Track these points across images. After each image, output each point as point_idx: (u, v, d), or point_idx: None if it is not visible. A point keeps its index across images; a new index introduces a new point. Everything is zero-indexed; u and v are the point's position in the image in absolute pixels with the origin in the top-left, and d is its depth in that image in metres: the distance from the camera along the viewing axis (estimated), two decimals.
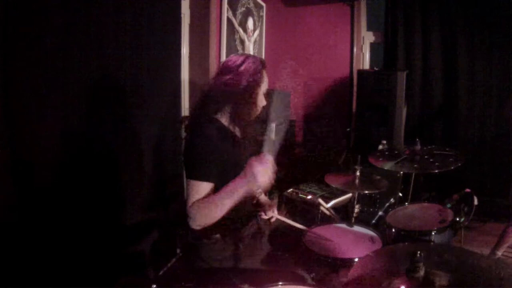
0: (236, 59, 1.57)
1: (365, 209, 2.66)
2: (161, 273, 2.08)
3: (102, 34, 1.79)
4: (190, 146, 1.52)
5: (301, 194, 2.75)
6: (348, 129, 3.79)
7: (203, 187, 1.40)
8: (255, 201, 1.75)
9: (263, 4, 3.80)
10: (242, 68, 1.54)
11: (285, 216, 1.85)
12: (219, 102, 1.53)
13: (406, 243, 1.35)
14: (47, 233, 1.52)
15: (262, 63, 1.58)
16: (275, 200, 2.87)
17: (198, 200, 1.38)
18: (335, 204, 2.66)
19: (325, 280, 1.51)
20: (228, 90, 1.51)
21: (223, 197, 1.35)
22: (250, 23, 3.53)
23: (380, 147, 2.94)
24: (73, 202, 1.64)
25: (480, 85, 3.64)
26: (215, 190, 1.42)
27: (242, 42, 3.40)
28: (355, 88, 3.78)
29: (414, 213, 2.04)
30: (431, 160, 2.17)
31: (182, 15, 2.65)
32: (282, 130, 3.25)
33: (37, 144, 1.51)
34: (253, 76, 1.52)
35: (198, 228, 1.37)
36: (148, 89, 2.17)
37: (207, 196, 1.40)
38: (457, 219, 1.88)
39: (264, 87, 1.58)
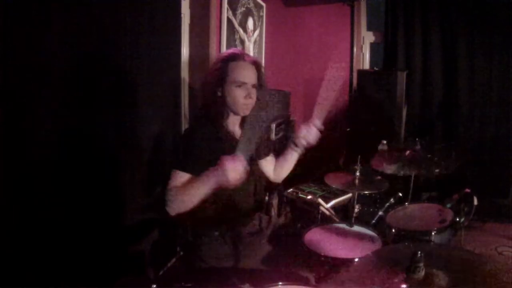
0: None
1: (365, 209, 2.66)
2: (161, 273, 2.08)
3: (102, 34, 1.79)
4: (180, 141, 1.61)
5: (301, 194, 2.75)
6: (348, 129, 3.79)
7: (182, 176, 1.46)
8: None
9: (263, 4, 3.80)
10: (212, 64, 1.59)
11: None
12: (202, 102, 1.58)
13: (406, 243, 1.36)
14: (47, 233, 1.52)
15: (229, 56, 1.55)
16: (276, 200, 2.87)
17: (176, 187, 1.44)
18: (335, 204, 2.65)
19: (325, 280, 1.51)
20: (203, 88, 1.57)
21: (196, 186, 1.40)
22: (250, 23, 3.53)
23: (380, 147, 2.93)
24: (73, 202, 1.64)
25: (480, 85, 3.64)
26: None
27: (242, 42, 3.40)
28: (355, 88, 3.78)
29: (414, 213, 2.04)
30: (431, 161, 2.17)
31: (182, 15, 2.65)
32: (282, 130, 3.25)
33: (36, 144, 1.51)
34: (215, 70, 1.53)
35: (174, 213, 1.42)
36: (148, 89, 2.17)
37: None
38: (457, 219, 1.89)
39: (231, 80, 1.52)
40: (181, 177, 1.46)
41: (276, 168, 1.87)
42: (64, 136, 1.63)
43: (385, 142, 3.02)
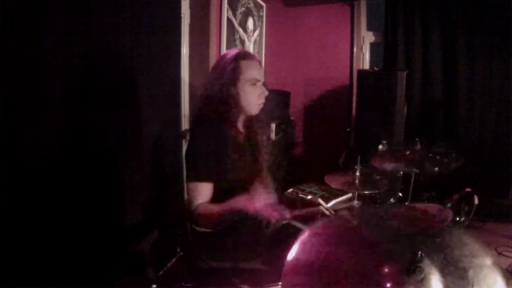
0: (219, 56, 1.63)
1: None
2: (161, 273, 2.08)
3: (102, 34, 1.79)
4: (188, 149, 1.55)
5: (301, 194, 2.75)
6: (348, 129, 3.79)
7: (202, 188, 1.45)
8: None
9: (263, 4, 3.80)
10: (218, 64, 1.57)
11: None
12: (210, 103, 1.54)
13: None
14: (47, 233, 1.52)
15: (239, 54, 1.54)
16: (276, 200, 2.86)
17: (201, 206, 1.43)
18: (335, 204, 2.65)
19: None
20: (212, 89, 1.53)
21: (223, 214, 1.41)
22: (250, 23, 3.53)
23: (380, 147, 2.93)
24: (73, 202, 1.64)
25: (480, 85, 3.64)
26: (215, 189, 1.47)
27: (242, 42, 3.40)
28: (355, 88, 3.78)
29: None
30: (431, 160, 2.17)
31: (182, 15, 2.65)
32: (282, 130, 3.25)
33: (36, 144, 1.51)
34: (227, 70, 1.51)
35: (202, 230, 1.46)
36: (148, 89, 2.17)
37: (209, 200, 1.45)
38: (457, 219, 1.88)
39: (246, 78, 1.52)
40: (202, 189, 1.45)
41: None
42: (64, 136, 1.63)
43: (385, 142, 3.01)
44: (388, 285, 0.87)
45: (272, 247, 1.67)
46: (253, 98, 1.54)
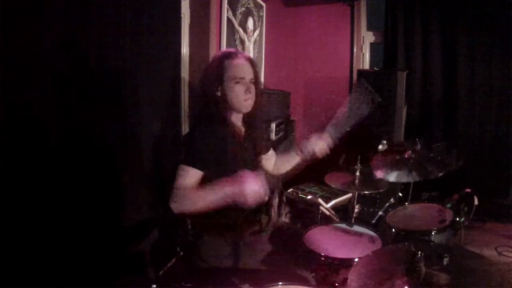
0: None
1: (365, 209, 2.65)
2: (161, 273, 2.08)
3: (102, 34, 1.79)
4: (187, 139, 1.58)
5: (301, 194, 2.75)
6: (348, 129, 3.78)
7: (191, 173, 1.44)
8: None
9: (263, 4, 3.80)
10: (207, 66, 1.62)
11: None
12: (206, 103, 1.57)
13: (406, 243, 1.35)
14: (46, 233, 1.52)
15: (224, 55, 1.59)
16: (276, 200, 2.86)
17: (184, 187, 1.42)
18: (335, 204, 2.65)
19: (325, 280, 1.51)
20: (204, 89, 1.58)
21: (207, 194, 1.38)
22: (250, 23, 3.53)
23: (380, 147, 2.93)
24: (73, 202, 1.64)
25: (480, 85, 3.64)
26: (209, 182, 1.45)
27: (242, 42, 3.40)
28: (355, 88, 3.78)
29: (414, 213, 2.04)
30: (431, 161, 2.16)
31: (182, 15, 2.65)
32: (282, 130, 3.25)
33: (36, 144, 1.51)
34: (213, 70, 1.56)
35: (177, 211, 1.42)
36: (148, 89, 2.17)
37: (194, 184, 1.43)
38: (457, 219, 1.88)
39: (229, 77, 1.54)
40: (189, 173, 1.44)
41: (276, 163, 1.90)
42: (64, 136, 1.63)
43: (385, 142, 3.01)
44: None
45: (272, 247, 1.68)
46: (239, 95, 1.55)
